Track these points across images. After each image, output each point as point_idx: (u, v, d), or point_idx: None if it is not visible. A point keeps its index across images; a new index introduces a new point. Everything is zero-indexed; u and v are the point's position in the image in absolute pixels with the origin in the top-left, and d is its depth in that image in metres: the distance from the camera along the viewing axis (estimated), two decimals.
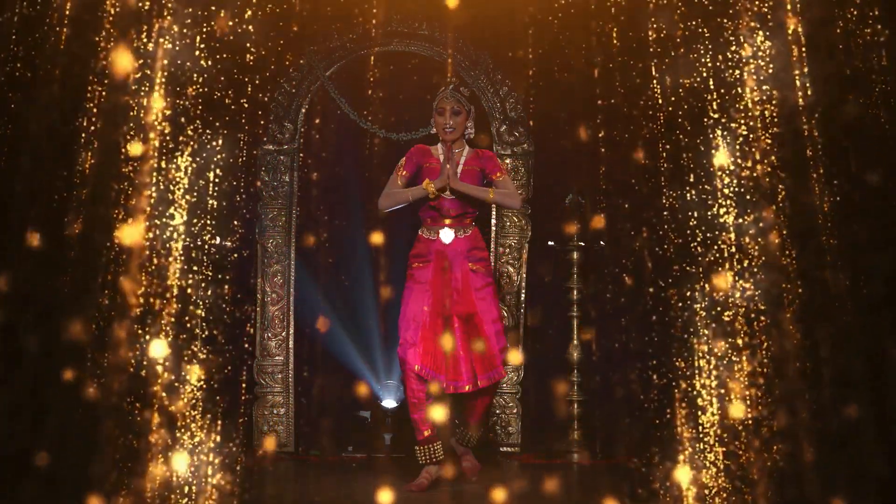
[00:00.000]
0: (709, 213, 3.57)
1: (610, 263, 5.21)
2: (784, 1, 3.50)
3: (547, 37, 5.98)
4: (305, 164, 6.45)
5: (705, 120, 3.59)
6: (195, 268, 3.59)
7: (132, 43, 3.51)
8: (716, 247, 3.56)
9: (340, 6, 6.13)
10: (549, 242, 6.41)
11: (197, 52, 3.59)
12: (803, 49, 3.50)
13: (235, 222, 3.77)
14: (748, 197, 3.54)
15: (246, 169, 3.82)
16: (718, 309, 3.54)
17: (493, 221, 6.42)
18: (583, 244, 6.22)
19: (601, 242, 6.18)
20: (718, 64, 3.59)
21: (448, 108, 5.01)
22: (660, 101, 3.73)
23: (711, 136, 3.59)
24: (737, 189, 3.55)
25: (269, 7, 4.08)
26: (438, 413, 4.79)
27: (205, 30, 3.62)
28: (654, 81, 3.72)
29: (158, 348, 3.51)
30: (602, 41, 4.22)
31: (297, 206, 6.37)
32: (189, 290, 3.57)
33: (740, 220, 3.53)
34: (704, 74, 3.61)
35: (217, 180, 3.64)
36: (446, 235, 4.98)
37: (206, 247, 3.63)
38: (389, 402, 6.34)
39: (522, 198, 5.13)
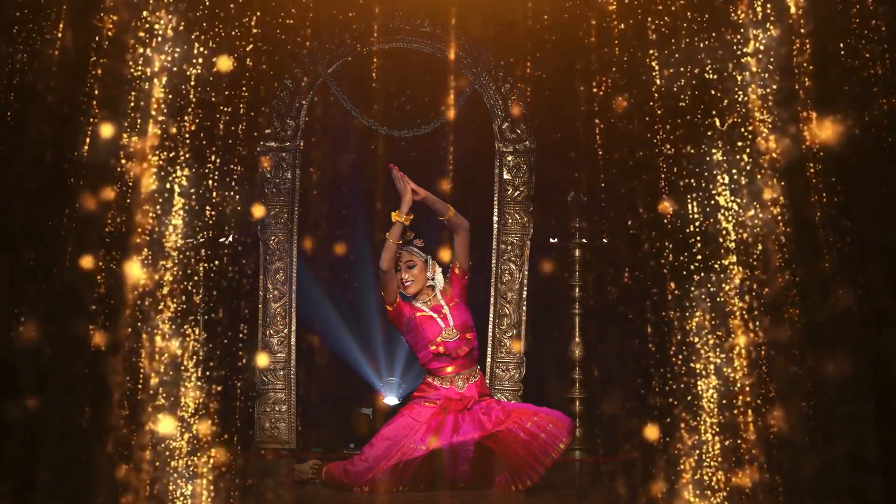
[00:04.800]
0: (709, 209, 3.57)
1: (612, 261, 5.20)
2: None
3: (549, 33, 5.97)
4: (307, 161, 6.45)
5: (706, 118, 3.59)
6: (196, 265, 3.59)
7: (132, 40, 3.51)
8: (716, 245, 3.55)
9: (343, 3, 6.12)
10: (552, 239, 6.41)
11: (197, 45, 3.59)
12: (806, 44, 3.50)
13: (234, 219, 3.76)
14: (748, 196, 3.53)
15: (247, 166, 3.81)
16: (719, 305, 3.53)
17: (495, 218, 6.41)
18: (585, 241, 6.22)
19: (604, 240, 6.17)
20: (719, 62, 3.59)
21: (403, 263, 4.95)
22: (660, 99, 3.72)
23: (712, 134, 3.59)
24: (737, 188, 3.55)
25: (272, 4, 4.08)
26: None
27: (206, 27, 3.62)
28: (656, 77, 3.72)
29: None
30: (604, 37, 4.21)
31: (298, 204, 6.38)
32: (190, 288, 3.57)
33: (740, 219, 3.53)
34: (706, 72, 3.60)
35: (218, 178, 3.64)
36: (461, 383, 4.84)
37: (208, 244, 3.62)
38: (391, 399, 6.35)
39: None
